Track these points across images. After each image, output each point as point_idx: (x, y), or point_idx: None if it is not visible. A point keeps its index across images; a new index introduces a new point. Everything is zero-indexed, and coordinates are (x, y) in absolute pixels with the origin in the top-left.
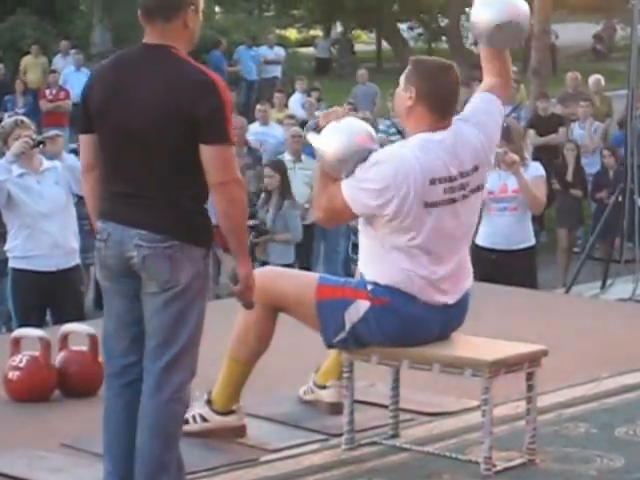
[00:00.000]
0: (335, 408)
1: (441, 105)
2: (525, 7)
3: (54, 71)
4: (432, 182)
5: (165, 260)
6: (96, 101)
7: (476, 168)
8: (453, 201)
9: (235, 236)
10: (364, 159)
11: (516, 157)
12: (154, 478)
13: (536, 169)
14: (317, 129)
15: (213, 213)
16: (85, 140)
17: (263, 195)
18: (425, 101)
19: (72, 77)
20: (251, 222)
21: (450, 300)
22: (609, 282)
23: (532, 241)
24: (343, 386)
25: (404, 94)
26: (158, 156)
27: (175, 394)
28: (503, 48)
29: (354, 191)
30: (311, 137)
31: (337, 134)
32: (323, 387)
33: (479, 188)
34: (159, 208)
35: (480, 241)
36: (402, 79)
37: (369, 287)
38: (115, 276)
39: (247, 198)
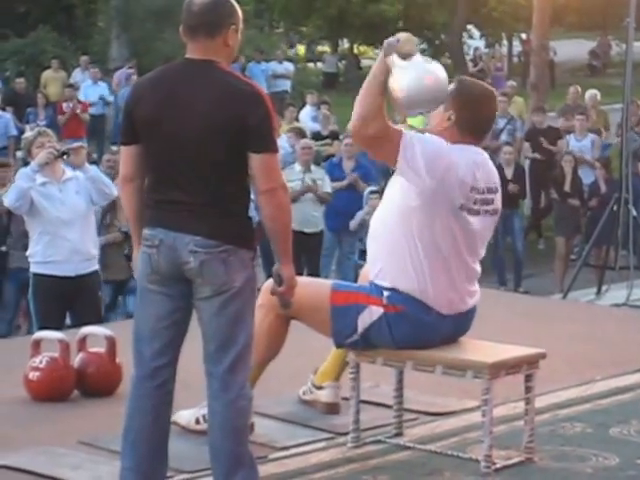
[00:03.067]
0: (331, 408)
1: (476, 131)
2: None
3: (71, 85)
4: (471, 189)
5: (220, 264)
6: (145, 113)
7: (497, 189)
8: (483, 213)
9: (281, 239)
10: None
11: None
12: (231, 472)
13: None
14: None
15: None
16: (128, 151)
17: None
18: (462, 127)
19: (90, 90)
20: None
21: (462, 308)
22: (604, 288)
23: None
24: (339, 387)
25: (443, 113)
26: (210, 164)
27: (241, 391)
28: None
29: (414, 139)
30: (395, 60)
31: (409, 73)
32: (320, 388)
33: (497, 211)
34: (212, 214)
35: None
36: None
37: (385, 293)
38: (165, 279)
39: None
